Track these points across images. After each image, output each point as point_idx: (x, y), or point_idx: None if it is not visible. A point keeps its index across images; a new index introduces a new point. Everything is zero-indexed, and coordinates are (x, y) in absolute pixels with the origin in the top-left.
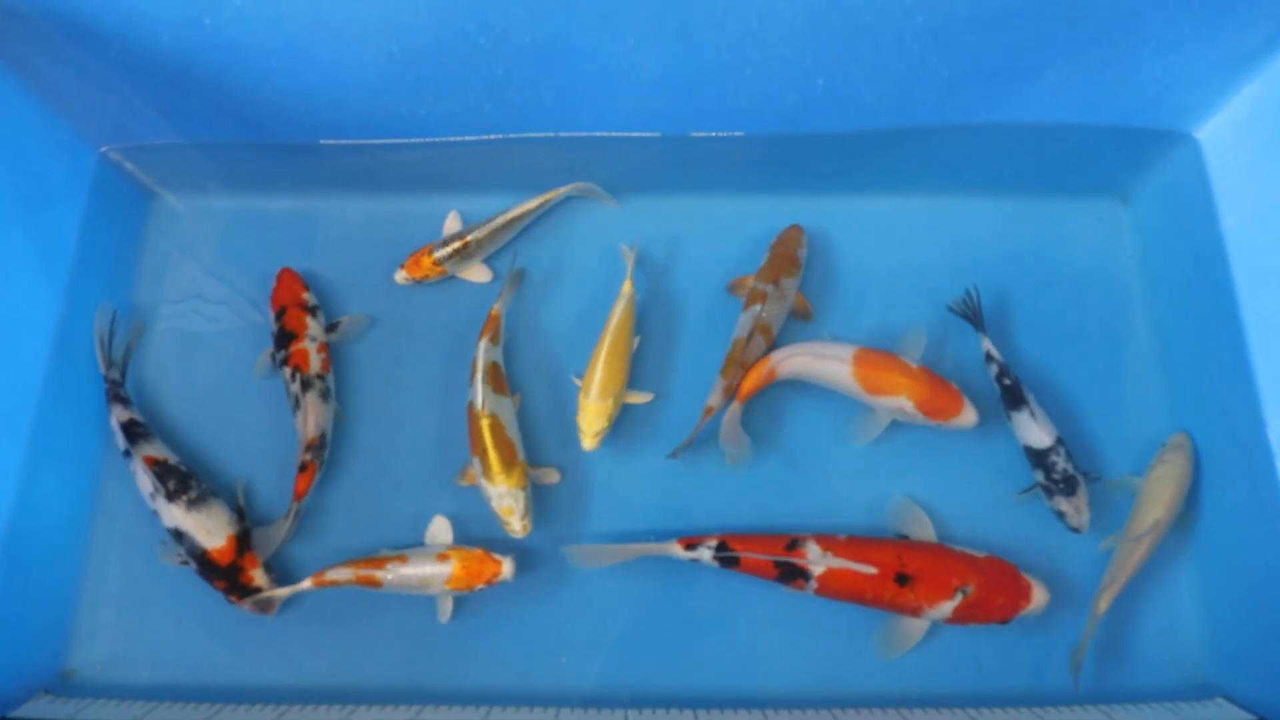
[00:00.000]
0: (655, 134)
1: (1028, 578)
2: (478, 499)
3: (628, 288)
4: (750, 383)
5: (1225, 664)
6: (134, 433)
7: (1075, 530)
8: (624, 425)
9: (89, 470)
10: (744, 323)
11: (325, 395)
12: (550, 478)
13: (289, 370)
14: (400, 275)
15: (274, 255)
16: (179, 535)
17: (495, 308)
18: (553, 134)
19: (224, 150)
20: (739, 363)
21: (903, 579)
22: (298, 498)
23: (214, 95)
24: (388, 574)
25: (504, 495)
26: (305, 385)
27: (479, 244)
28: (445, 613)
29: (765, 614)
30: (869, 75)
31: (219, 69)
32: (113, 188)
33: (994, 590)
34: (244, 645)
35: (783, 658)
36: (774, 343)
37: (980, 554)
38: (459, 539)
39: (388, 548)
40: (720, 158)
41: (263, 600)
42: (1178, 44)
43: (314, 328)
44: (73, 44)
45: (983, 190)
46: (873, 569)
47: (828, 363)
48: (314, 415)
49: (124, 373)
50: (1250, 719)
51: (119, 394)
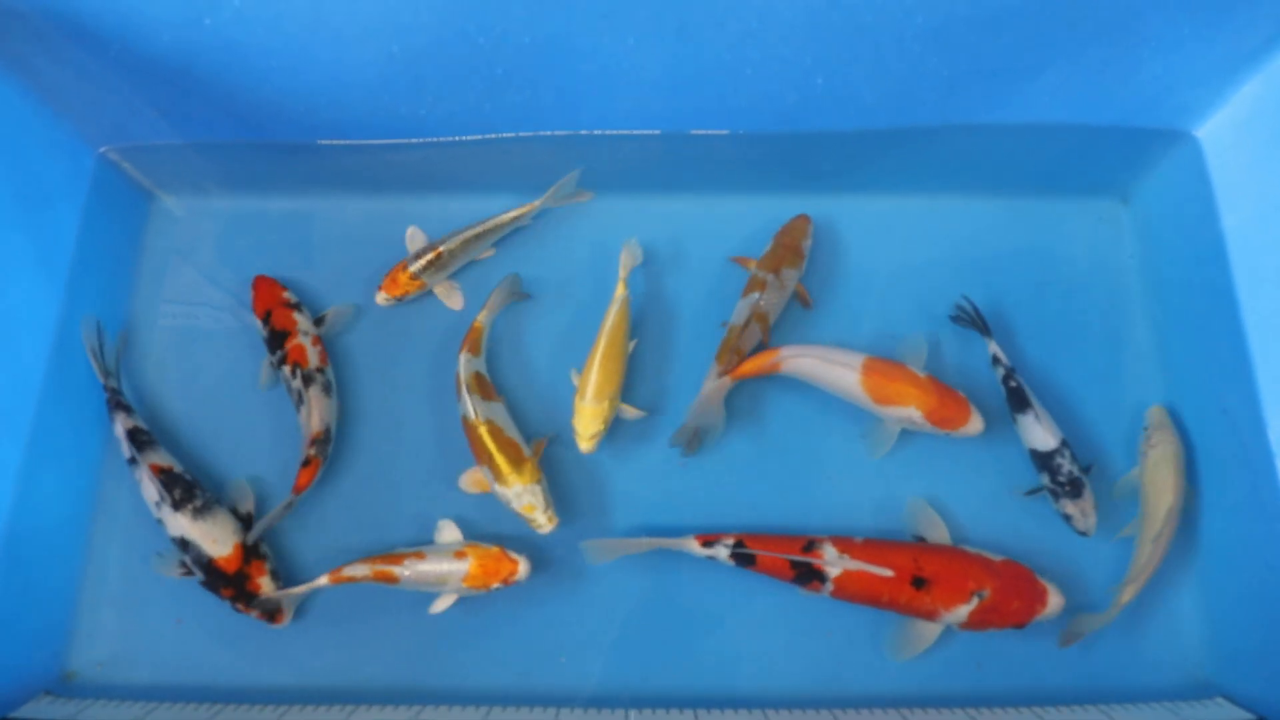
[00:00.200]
0: (655, 133)
1: (1044, 582)
2: (479, 500)
3: (620, 291)
4: (751, 366)
5: (1225, 664)
6: (140, 440)
7: (1082, 534)
8: (623, 425)
9: (89, 470)
10: (741, 309)
11: (328, 389)
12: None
13: (289, 368)
14: (380, 296)
15: (273, 255)
16: (184, 544)
17: (479, 318)
18: (553, 133)
19: (224, 150)
20: (733, 349)
21: (919, 582)
22: (297, 491)
23: (214, 95)
24: (405, 570)
25: (521, 494)
26: (307, 380)
27: (451, 254)
28: (443, 606)
29: (765, 614)
30: (869, 75)
31: (219, 69)
32: (112, 188)
33: (1010, 595)
34: (244, 645)
35: (783, 658)
36: (770, 331)
37: (997, 558)
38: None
39: (402, 546)
40: (720, 157)
41: (271, 607)
42: (1178, 44)
43: (303, 323)
44: (72, 44)
45: (983, 190)
46: (889, 572)
47: (835, 369)
48: (318, 410)
49: (119, 380)
50: (1250, 718)
51: (120, 402)
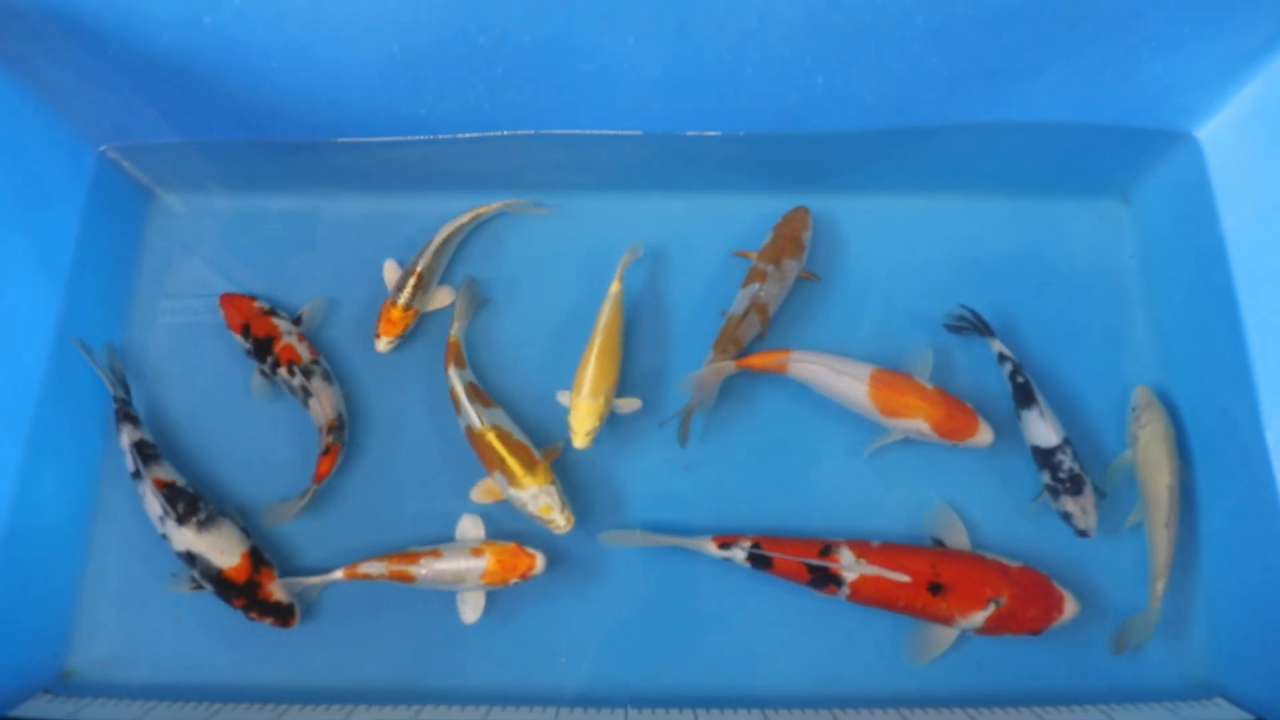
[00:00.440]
0: (655, 133)
1: (1060, 589)
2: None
3: (615, 287)
4: (759, 360)
5: (1224, 663)
6: (145, 454)
7: (1083, 533)
8: (625, 425)
9: (88, 470)
10: (741, 299)
11: (328, 378)
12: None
13: (284, 369)
14: (382, 343)
15: (274, 254)
16: (191, 558)
17: (453, 333)
18: (552, 132)
19: (224, 149)
20: (732, 338)
21: (935, 588)
22: (318, 479)
23: (214, 94)
24: (422, 569)
25: (537, 495)
26: (307, 373)
27: (430, 270)
28: (475, 611)
29: (765, 614)
30: (869, 75)
31: (219, 68)
32: (112, 187)
33: (1026, 601)
34: (243, 645)
35: (783, 657)
36: (769, 322)
37: (1014, 564)
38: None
39: (416, 545)
40: (720, 157)
41: (284, 612)
42: (1178, 44)
43: (283, 325)
44: (72, 43)
45: (983, 190)
46: (906, 577)
47: (844, 380)
48: (326, 398)
49: (128, 389)
50: (1249, 718)
51: (128, 413)
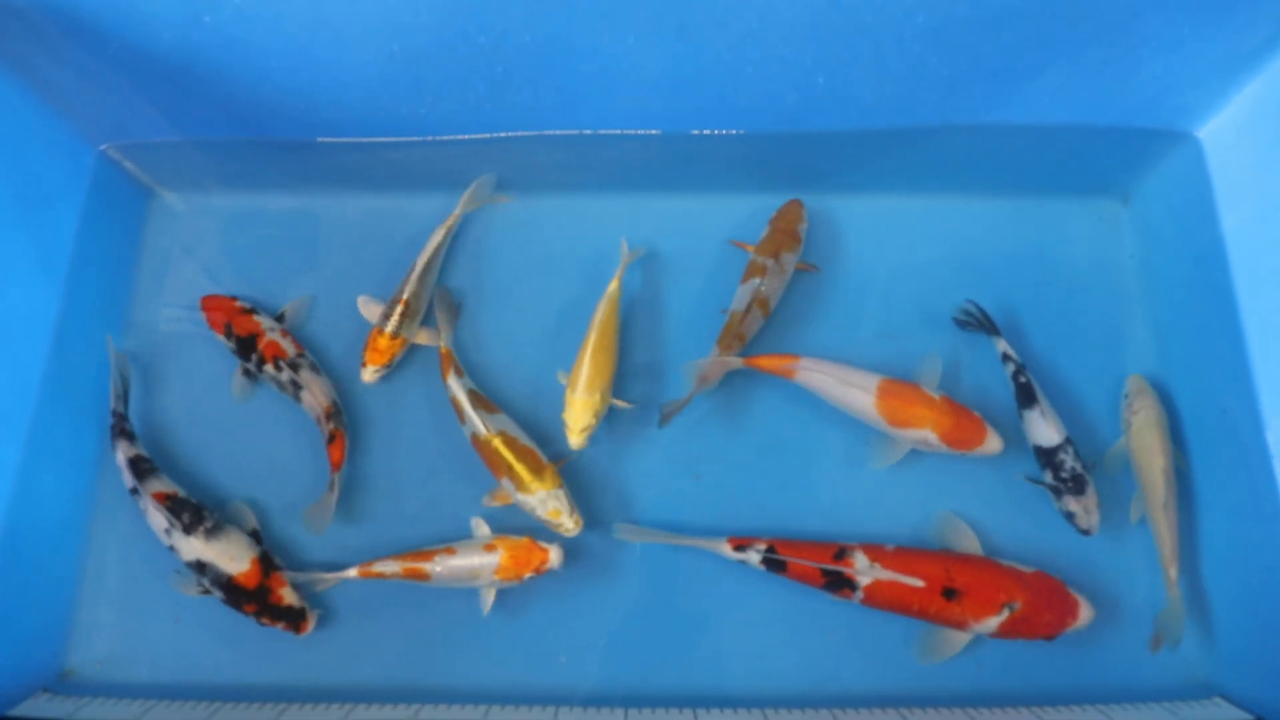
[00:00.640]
0: (655, 132)
1: (1075, 594)
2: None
3: (614, 285)
4: (767, 362)
5: (1223, 663)
6: (141, 469)
7: (1085, 532)
8: (627, 426)
9: (87, 469)
10: (742, 295)
11: (315, 369)
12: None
13: (270, 366)
14: (368, 372)
15: (273, 253)
16: (201, 567)
17: (443, 346)
18: (553, 133)
19: (224, 148)
20: (736, 334)
21: (950, 593)
22: (336, 467)
23: (214, 93)
24: (435, 566)
25: (546, 500)
26: (294, 366)
27: (416, 297)
28: (487, 604)
29: (765, 613)
30: (869, 75)
31: (219, 67)
32: (112, 186)
33: (1041, 607)
34: (243, 644)
35: (782, 657)
36: (770, 316)
37: (1028, 569)
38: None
39: (419, 544)
40: (720, 157)
41: (295, 616)
42: (1178, 44)
43: (266, 322)
44: (72, 42)
45: (983, 190)
46: (920, 582)
47: (851, 390)
48: (317, 387)
49: (127, 405)
50: (1248, 718)
51: (124, 429)
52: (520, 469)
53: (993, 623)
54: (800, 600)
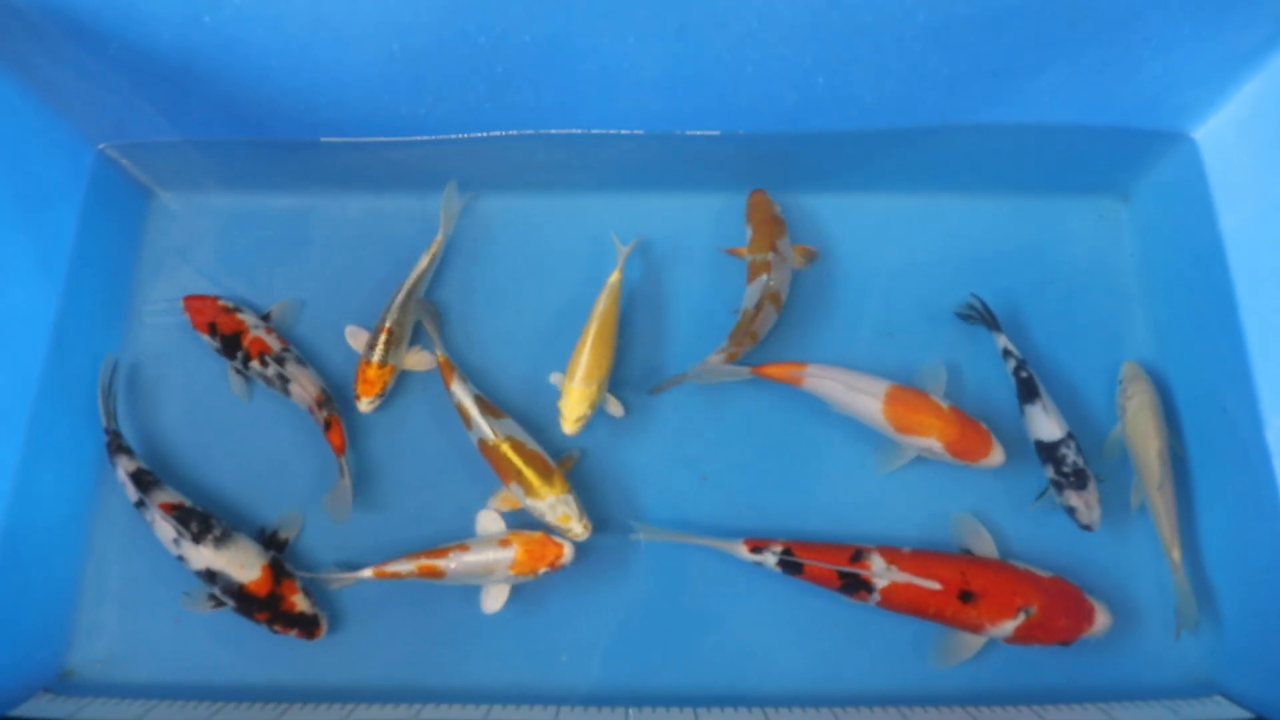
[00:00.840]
0: (655, 132)
1: (1092, 600)
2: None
3: (615, 277)
4: (775, 370)
5: (1224, 662)
6: (145, 481)
7: (1086, 527)
8: (634, 428)
9: (87, 469)
10: (751, 294)
11: (301, 361)
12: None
13: (256, 362)
14: (363, 404)
15: (273, 253)
16: (211, 576)
17: (439, 355)
18: (553, 132)
19: (223, 148)
20: (749, 332)
21: (966, 596)
22: (340, 452)
23: (213, 93)
24: (450, 563)
25: (556, 504)
26: (280, 360)
27: (400, 324)
28: (497, 602)
29: (765, 612)
30: (869, 75)
31: (218, 67)
32: (111, 185)
33: (1057, 612)
34: (243, 644)
35: (783, 656)
36: (782, 309)
37: (1045, 574)
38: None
39: (424, 544)
40: (720, 157)
41: (308, 623)
42: (1177, 44)
43: (250, 319)
44: (71, 41)
45: (983, 190)
46: (937, 584)
47: (859, 396)
48: (304, 378)
49: (116, 418)
50: (1249, 717)
51: (120, 444)
52: (529, 474)
53: (1009, 626)
54: (801, 599)
